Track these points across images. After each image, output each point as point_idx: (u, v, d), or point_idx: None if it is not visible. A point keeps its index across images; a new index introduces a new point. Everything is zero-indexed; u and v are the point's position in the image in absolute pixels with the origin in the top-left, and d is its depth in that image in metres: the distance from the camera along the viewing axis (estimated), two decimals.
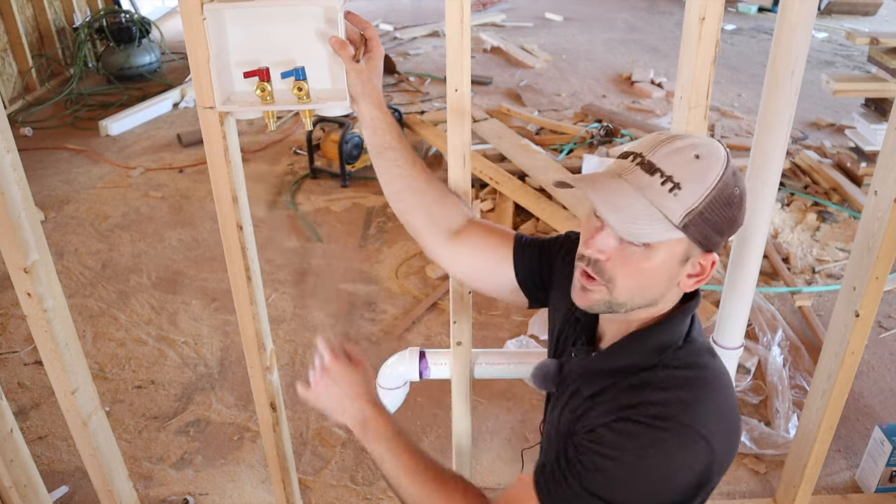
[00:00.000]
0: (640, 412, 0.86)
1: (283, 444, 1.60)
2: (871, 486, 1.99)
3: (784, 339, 2.53)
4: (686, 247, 0.86)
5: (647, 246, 0.85)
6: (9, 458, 1.45)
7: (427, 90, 5.33)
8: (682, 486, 0.85)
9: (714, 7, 1.15)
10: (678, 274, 0.88)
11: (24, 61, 5.15)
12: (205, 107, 1.15)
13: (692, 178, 0.83)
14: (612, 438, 0.86)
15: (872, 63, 3.46)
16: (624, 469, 0.84)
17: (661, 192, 0.83)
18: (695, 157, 0.84)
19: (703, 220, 0.84)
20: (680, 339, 0.93)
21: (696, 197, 0.83)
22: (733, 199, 0.85)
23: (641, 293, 0.89)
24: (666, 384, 0.88)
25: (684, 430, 0.84)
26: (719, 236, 0.87)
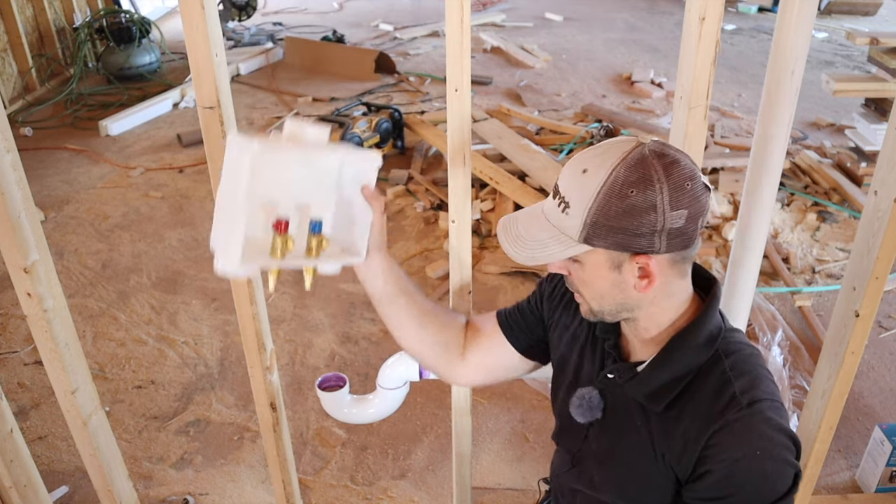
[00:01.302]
0: (736, 408, 0.90)
1: (283, 444, 1.60)
2: (871, 486, 1.99)
3: (784, 339, 2.53)
4: (606, 255, 0.90)
5: (577, 262, 0.93)
6: (9, 458, 1.44)
7: (427, 90, 5.33)
8: (791, 436, 0.91)
9: (714, 7, 1.15)
10: (623, 280, 0.92)
11: (24, 61, 5.15)
12: (205, 107, 1.15)
13: (577, 194, 0.89)
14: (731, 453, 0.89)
15: (872, 63, 3.46)
16: (763, 464, 0.88)
17: (558, 213, 0.91)
18: (582, 172, 0.89)
19: (602, 227, 0.88)
20: (720, 326, 0.97)
21: (583, 210, 0.88)
22: (636, 208, 0.86)
23: (603, 301, 0.96)
24: (735, 371, 0.93)
25: (770, 403, 0.91)
26: (638, 238, 0.87)
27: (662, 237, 0.88)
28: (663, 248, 0.89)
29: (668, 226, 0.87)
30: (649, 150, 0.88)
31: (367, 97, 5.14)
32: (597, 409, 1.04)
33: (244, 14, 6.47)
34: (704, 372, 0.94)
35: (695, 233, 0.90)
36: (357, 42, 6.54)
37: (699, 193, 0.88)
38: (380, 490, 2.05)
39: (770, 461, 0.88)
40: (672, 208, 0.86)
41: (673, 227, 0.87)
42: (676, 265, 0.93)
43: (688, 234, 0.89)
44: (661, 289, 0.93)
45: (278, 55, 6.13)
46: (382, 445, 2.20)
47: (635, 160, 0.87)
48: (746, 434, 0.89)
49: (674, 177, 0.86)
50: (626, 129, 4.15)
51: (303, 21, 7.37)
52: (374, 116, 4.07)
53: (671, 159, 0.87)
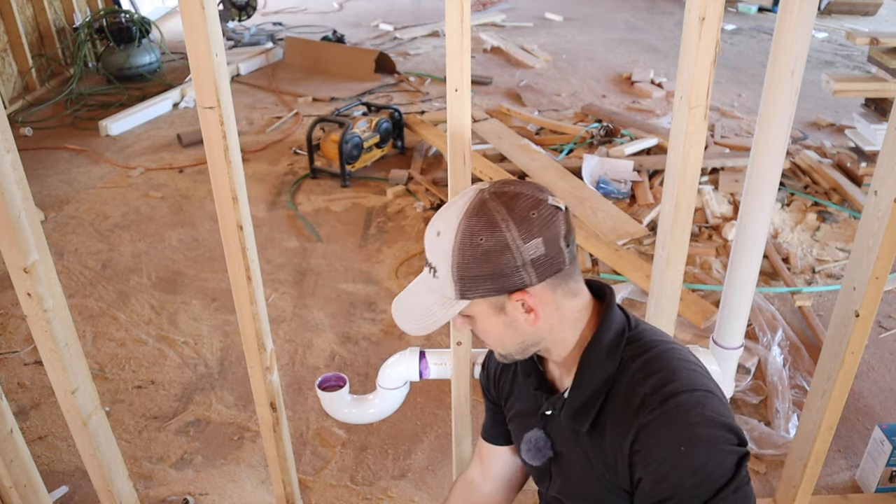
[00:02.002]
0: (649, 409, 0.89)
1: (283, 444, 1.60)
2: (871, 486, 1.99)
3: (784, 339, 2.53)
4: (487, 303, 0.93)
5: (468, 317, 0.96)
6: (9, 458, 1.44)
7: (427, 90, 5.33)
8: (726, 417, 0.90)
9: (714, 7, 1.15)
10: (512, 320, 0.94)
11: (24, 61, 5.15)
12: (205, 107, 1.15)
13: (438, 257, 0.92)
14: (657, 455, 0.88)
15: (872, 63, 3.46)
16: (693, 458, 0.86)
17: (431, 279, 0.95)
18: (437, 235, 0.92)
19: (472, 280, 0.90)
20: (622, 331, 0.97)
21: (447, 270, 0.91)
22: (490, 252, 0.88)
23: (506, 344, 0.98)
24: (644, 372, 0.93)
25: (688, 393, 0.89)
26: (506, 279, 0.89)
27: (529, 269, 0.89)
28: (534, 279, 0.90)
29: (527, 258, 0.88)
30: (488, 193, 0.91)
31: (367, 97, 5.14)
32: (546, 448, 1.06)
33: (244, 14, 6.47)
34: (616, 382, 0.94)
35: (560, 255, 0.91)
36: (357, 42, 6.55)
37: (548, 217, 0.89)
38: (380, 490, 2.05)
39: (699, 453, 0.86)
40: (525, 241, 0.88)
41: (534, 257, 0.89)
42: (559, 288, 0.93)
43: (553, 258, 0.90)
44: (553, 315, 0.95)
45: (278, 55, 6.13)
46: (382, 445, 2.20)
47: (476, 207, 0.89)
48: (665, 432, 0.88)
49: (516, 211, 0.88)
50: (626, 129, 4.15)
51: (303, 21, 7.37)
52: (374, 116, 4.07)
53: (511, 195, 0.90)
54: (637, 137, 3.98)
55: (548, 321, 0.95)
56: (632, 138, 4.00)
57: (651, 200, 3.40)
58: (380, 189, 3.77)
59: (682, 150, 1.27)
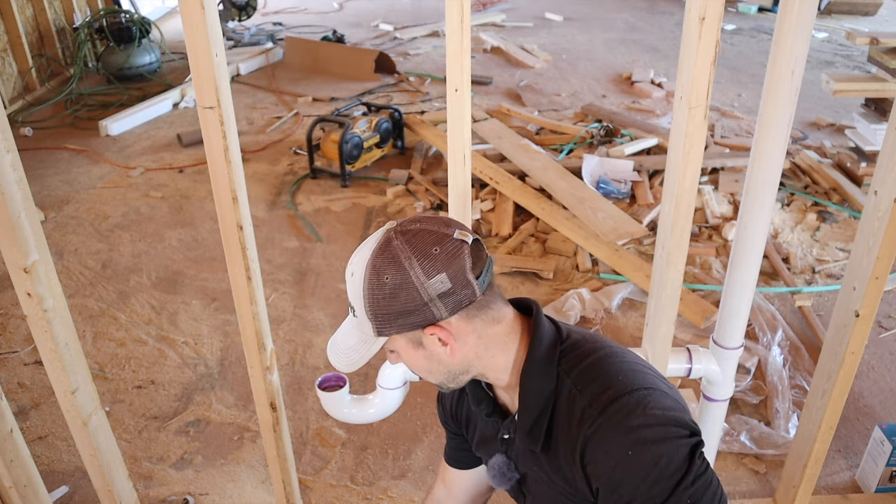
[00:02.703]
0: (590, 421, 0.89)
1: (283, 444, 1.60)
2: (871, 486, 1.99)
3: (784, 339, 2.53)
4: (404, 339, 0.95)
5: (392, 352, 0.99)
6: (9, 458, 1.44)
7: (427, 90, 5.33)
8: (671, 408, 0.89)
9: (714, 7, 1.15)
10: (432, 353, 0.95)
11: (24, 61, 5.15)
12: (205, 107, 1.15)
13: (354, 296, 0.94)
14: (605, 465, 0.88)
15: (872, 63, 3.46)
16: (642, 460, 0.86)
17: (352, 319, 0.97)
18: (350, 276, 0.94)
19: (384, 317, 0.92)
20: (554, 344, 0.97)
21: (362, 309, 0.93)
22: (391, 288, 0.90)
23: (433, 375, 1.00)
24: (580, 382, 0.93)
25: (626, 395, 0.89)
26: (415, 314, 0.91)
27: (437, 304, 0.90)
28: (444, 313, 0.91)
29: (433, 294, 0.89)
30: (394, 231, 0.92)
31: (367, 97, 5.14)
32: (511, 471, 1.06)
33: (244, 14, 6.47)
34: (557, 397, 0.95)
35: (469, 287, 0.90)
36: (357, 42, 6.55)
37: (452, 252, 0.90)
38: (380, 490, 2.05)
39: (647, 453, 0.86)
40: (428, 277, 0.89)
41: (440, 292, 0.89)
42: (476, 318, 0.94)
43: (460, 291, 0.90)
44: (475, 344, 0.95)
45: (278, 55, 6.13)
46: (382, 445, 2.20)
47: (382, 247, 0.91)
48: (609, 440, 0.88)
49: (419, 248, 0.89)
50: (626, 129, 4.15)
51: (303, 21, 7.38)
52: (374, 116, 4.07)
53: (413, 233, 0.91)
54: (637, 137, 3.98)
55: (471, 350, 0.95)
56: (632, 138, 4.00)
57: (651, 200, 3.40)
58: (380, 189, 3.77)
59: (682, 150, 1.27)
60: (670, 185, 1.33)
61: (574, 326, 1.03)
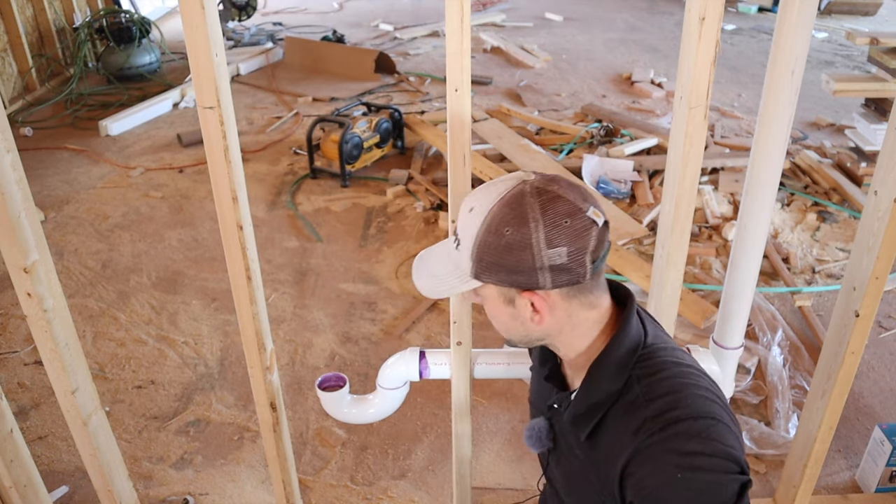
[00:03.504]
0: (647, 434, 0.86)
1: (283, 444, 1.60)
2: (871, 486, 1.99)
3: (784, 339, 2.53)
4: (497, 291, 0.93)
5: (478, 295, 0.97)
6: (9, 458, 1.44)
7: (427, 90, 5.33)
8: (732, 447, 0.86)
9: (714, 7, 1.15)
10: (519, 314, 0.93)
11: (24, 61, 5.15)
12: (205, 107, 1.15)
13: (465, 231, 0.92)
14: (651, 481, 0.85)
15: (872, 63, 3.46)
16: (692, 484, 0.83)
17: (453, 249, 0.95)
18: (469, 211, 0.92)
19: (488, 265, 0.90)
20: (635, 348, 0.94)
21: (469, 247, 0.91)
22: (513, 246, 0.86)
23: (509, 332, 0.98)
24: (648, 394, 0.89)
25: (691, 421, 0.85)
26: (519, 275, 0.88)
27: (545, 274, 0.87)
28: (549, 284, 0.88)
29: (547, 263, 0.86)
30: (530, 187, 0.88)
31: (367, 97, 5.14)
32: (546, 438, 1.05)
33: (244, 14, 6.47)
34: (620, 399, 0.91)
35: (583, 268, 0.88)
36: (357, 42, 6.55)
37: (581, 229, 0.86)
38: (380, 490, 2.05)
39: (697, 480, 0.83)
40: (548, 246, 0.85)
41: (553, 264, 0.86)
42: (574, 299, 0.91)
43: (574, 270, 0.87)
44: (563, 321, 0.93)
45: (278, 55, 6.13)
46: (382, 445, 2.20)
47: (513, 198, 0.87)
48: (662, 458, 0.84)
49: (550, 214, 0.85)
50: (626, 129, 4.15)
51: (303, 21, 7.38)
52: (374, 116, 4.07)
53: (551, 196, 0.87)
54: (637, 137, 3.98)
55: (557, 325, 0.94)
56: (632, 138, 4.00)
57: (651, 200, 3.40)
58: (380, 189, 3.77)
59: (682, 150, 1.27)
60: (670, 185, 1.33)
61: (663, 333, 1.01)
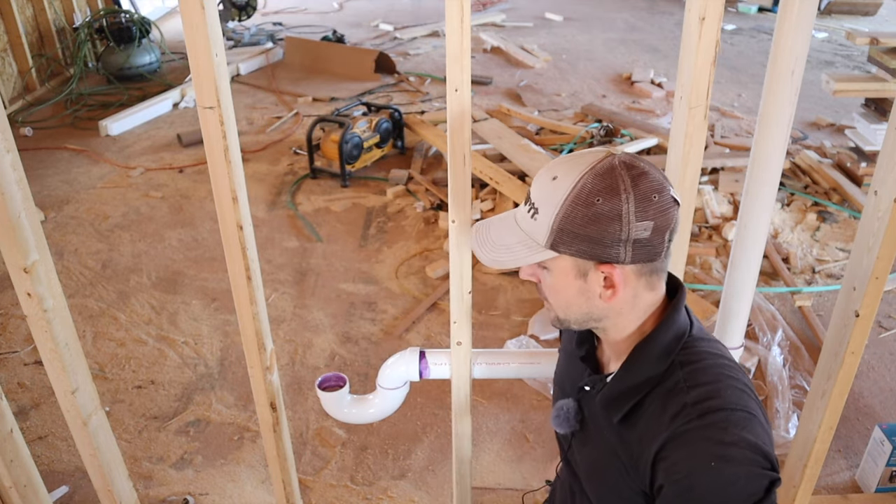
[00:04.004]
0: (685, 419, 0.87)
1: (283, 444, 1.60)
2: (871, 486, 1.99)
3: (784, 339, 2.53)
4: (572, 262, 0.91)
5: (545, 269, 0.94)
6: (9, 458, 1.44)
7: (427, 90, 5.33)
8: (764, 447, 0.86)
9: (714, 7, 1.15)
10: (589, 288, 0.93)
11: (24, 61, 5.15)
12: (205, 107, 1.15)
13: (545, 200, 0.90)
14: (685, 464, 0.85)
15: (872, 63, 3.46)
16: (723, 474, 0.84)
17: (527, 218, 0.93)
18: (552, 179, 0.90)
19: (568, 234, 0.89)
20: (681, 335, 0.95)
21: (550, 216, 0.89)
22: (601, 216, 0.87)
23: (569, 310, 0.96)
24: (690, 381, 0.90)
25: (731, 413, 0.86)
26: (603, 247, 0.88)
27: (627, 247, 0.88)
28: (628, 258, 0.89)
29: (632, 236, 0.87)
30: (619, 160, 0.89)
31: (367, 97, 5.14)
32: (574, 420, 1.05)
33: (244, 14, 6.47)
34: (660, 383, 0.92)
35: (661, 246, 0.90)
36: (357, 42, 6.55)
37: (666, 207, 0.88)
38: (380, 490, 2.05)
39: (729, 470, 0.83)
40: (637, 219, 0.86)
41: (638, 237, 0.87)
42: (643, 277, 0.92)
43: (654, 246, 0.89)
44: (627, 300, 0.94)
45: (278, 55, 6.13)
46: (382, 445, 2.20)
47: (604, 169, 0.88)
48: (697, 445, 0.85)
49: (641, 188, 0.87)
50: (626, 129, 4.15)
51: (303, 21, 7.38)
52: (374, 116, 4.07)
53: (640, 171, 0.88)
54: (637, 137, 3.98)
55: (621, 304, 0.93)
56: (632, 138, 4.00)
57: None
58: (380, 189, 3.77)
59: (682, 150, 1.27)
60: None
61: (706, 330, 1.01)
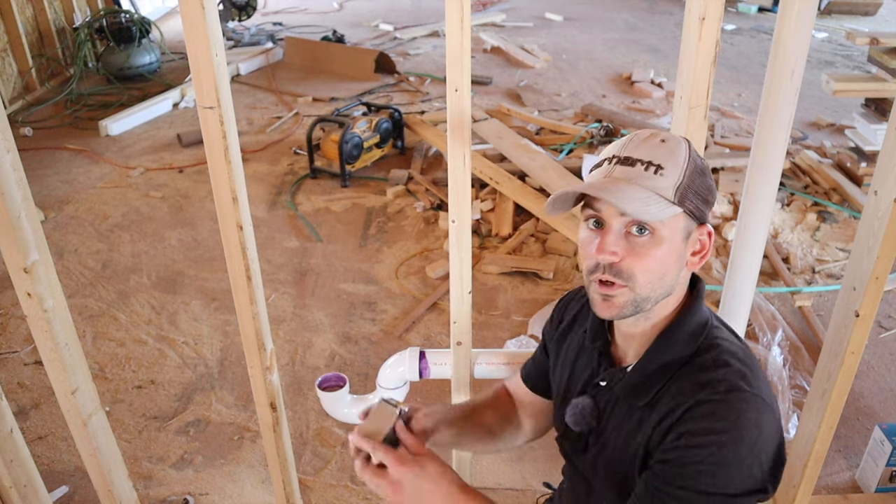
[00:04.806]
0: (712, 391, 0.88)
1: (283, 444, 1.60)
2: (871, 486, 1.99)
3: (784, 339, 2.53)
4: (684, 222, 0.93)
5: (651, 233, 0.90)
6: (9, 458, 1.44)
7: (427, 90, 5.33)
8: (772, 450, 0.88)
9: (714, 7, 1.15)
10: (685, 253, 0.94)
11: (24, 61, 5.15)
12: (205, 107, 1.15)
13: (669, 158, 0.92)
14: (698, 427, 0.87)
15: (872, 63, 3.46)
16: (723, 451, 0.85)
17: (648, 176, 0.91)
18: (661, 142, 0.93)
19: (691, 191, 0.92)
20: (706, 321, 0.97)
21: (679, 172, 0.91)
22: (705, 170, 0.95)
23: (660, 282, 0.93)
24: (718, 361, 0.92)
25: (754, 398, 0.88)
26: (706, 206, 0.94)
27: (711, 210, 0.96)
28: (709, 219, 0.96)
29: (712, 200, 0.95)
30: None
31: (367, 97, 5.14)
32: (591, 417, 1.04)
33: (244, 14, 6.47)
34: (687, 364, 0.94)
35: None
36: (357, 42, 6.54)
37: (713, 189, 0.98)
38: None
39: (735, 451, 0.85)
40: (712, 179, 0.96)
41: (711, 199, 0.95)
42: None
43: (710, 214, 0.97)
44: (683, 278, 0.97)
45: (278, 55, 6.13)
46: None
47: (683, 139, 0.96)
48: (719, 414, 0.86)
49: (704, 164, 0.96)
50: (626, 129, 4.14)
51: (303, 21, 7.38)
52: (374, 116, 4.07)
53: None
54: None
55: (681, 277, 0.96)
56: None
57: None
58: (380, 189, 3.77)
59: None
60: None
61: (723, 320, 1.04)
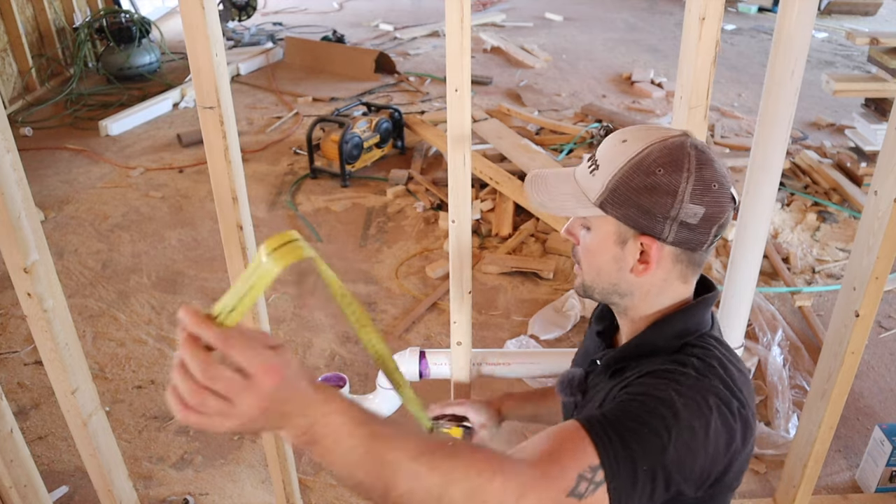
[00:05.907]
0: (678, 365, 0.88)
1: (284, 444, 1.60)
2: (871, 486, 1.99)
3: (784, 339, 2.53)
4: (615, 227, 0.91)
5: (588, 229, 0.95)
6: (9, 458, 1.44)
7: (427, 90, 5.33)
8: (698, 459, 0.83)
9: (714, 7, 1.15)
10: (623, 257, 0.92)
11: (24, 61, 5.15)
12: (205, 107, 1.15)
13: (609, 159, 0.90)
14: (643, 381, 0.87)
15: (872, 63, 3.46)
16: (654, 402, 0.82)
17: (586, 173, 0.93)
18: (621, 142, 0.91)
19: (621, 199, 0.89)
20: (701, 328, 0.95)
21: (608, 174, 0.90)
22: (654, 182, 0.86)
23: (599, 277, 0.96)
24: (684, 361, 0.89)
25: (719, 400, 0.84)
26: (647, 218, 0.88)
27: (673, 226, 0.88)
28: (670, 237, 0.89)
29: (681, 217, 0.87)
30: (692, 142, 0.89)
31: (367, 97, 5.14)
32: (576, 389, 1.04)
33: (244, 14, 6.47)
34: (659, 356, 0.92)
35: (706, 237, 0.89)
36: (357, 42, 6.54)
37: (723, 200, 0.88)
38: None
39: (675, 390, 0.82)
40: (691, 201, 0.86)
41: (686, 220, 0.87)
42: (679, 265, 0.92)
43: (698, 234, 0.89)
44: (656, 282, 0.93)
45: (278, 55, 6.13)
46: None
47: (675, 145, 0.88)
48: (668, 378, 0.85)
49: (704, 173, 0.87)
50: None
51: (303, 21, 7.37)
52: (374, 116, 4.07)
53: (708, 158, 0.88)
54: None
55: (648, 283, 0.93)
56: None
57: None
58: (380, 189, 3.77)
59: None
60: None
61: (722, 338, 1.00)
